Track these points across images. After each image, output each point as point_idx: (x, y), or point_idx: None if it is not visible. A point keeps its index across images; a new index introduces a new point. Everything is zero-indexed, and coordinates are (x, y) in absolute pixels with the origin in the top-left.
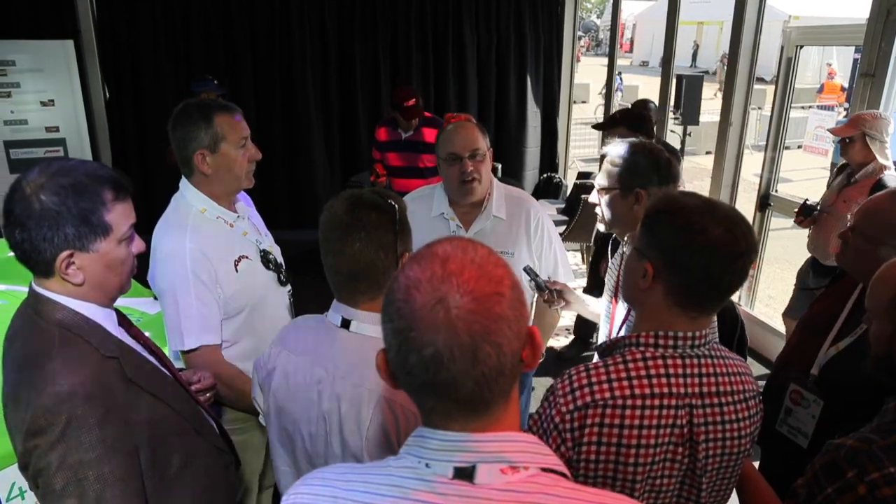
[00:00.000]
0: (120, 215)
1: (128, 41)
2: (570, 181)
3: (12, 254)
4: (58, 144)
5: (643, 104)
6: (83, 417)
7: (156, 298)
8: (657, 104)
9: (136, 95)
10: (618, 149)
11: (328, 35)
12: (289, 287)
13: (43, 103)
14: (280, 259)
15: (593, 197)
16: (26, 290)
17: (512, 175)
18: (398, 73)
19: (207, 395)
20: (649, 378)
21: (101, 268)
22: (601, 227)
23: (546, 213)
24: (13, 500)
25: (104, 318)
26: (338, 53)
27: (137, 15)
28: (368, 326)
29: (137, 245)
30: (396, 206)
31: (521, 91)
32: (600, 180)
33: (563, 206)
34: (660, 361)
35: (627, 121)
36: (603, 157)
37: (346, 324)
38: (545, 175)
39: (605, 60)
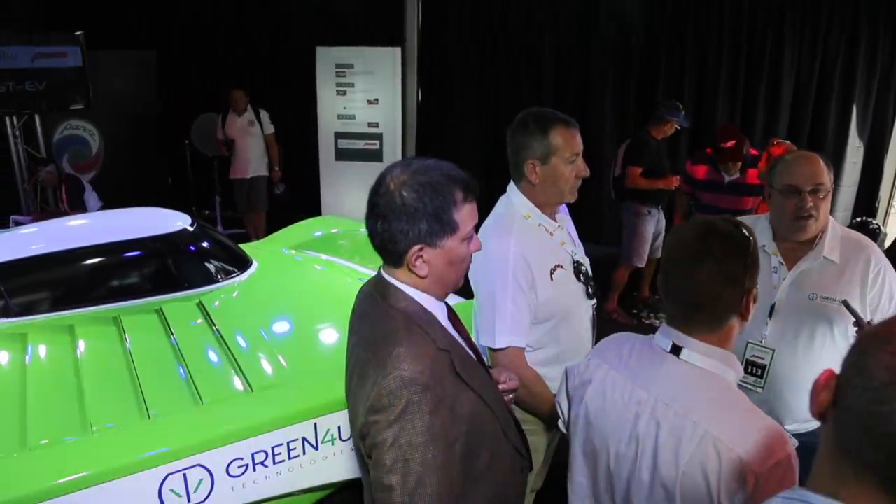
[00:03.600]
0: (467, 215)
1: (443, 52)
2: (891, 229)
3: (336, 230)
4: (375, 138)
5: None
6: (419, 403)
7: None
8: None
9: (442, 101)
10: None
11: (631, 41)
12: (594, 301)
13: (369, 101)
14: (590, 271)
15: None
16: (341, 262)
17: None
18: (704, 88)
19: (510, 396)
20: None
21: (444, 263)
22: None
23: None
24: (325, 444)
25: (438, 310)
26: (641, 65)
27: (454, 30)
28: (700, 357)
29: (475, 244)
30: (751, 238)
31: (843, 121)
32: None
33: None
34: None
35: None
36: None
37: (675, 349)
38: (859, 219)
39: None
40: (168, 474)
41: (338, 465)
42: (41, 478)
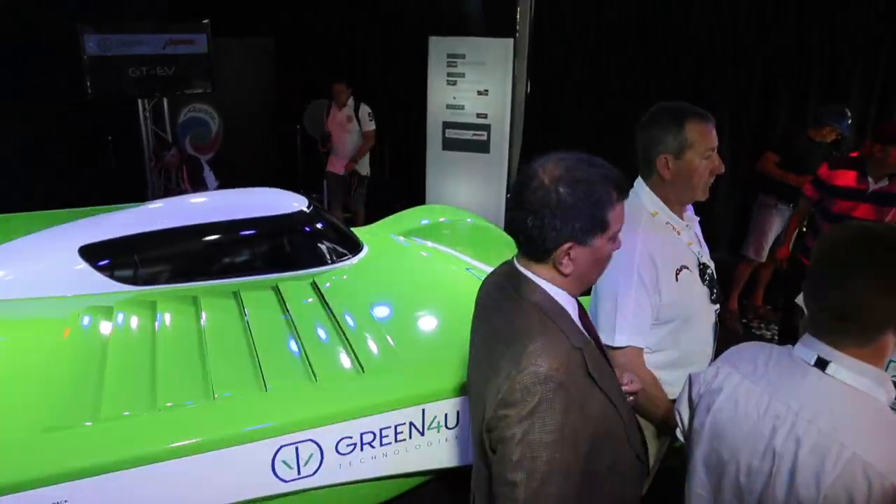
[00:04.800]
0: (618, 215)
1: (555, 45)
2: None
3: (443, 219)
4: (483, 129)
5: None
6: (552, 401)
7: None
8: None
9: (551, 94)
10: None
11: (748, 41)
12: (717, 306)
13: (479, 92)
14: (715, 275)
15: None
16: (446, 250)
17: None
18: (834, 87)
19: (630, 398)
20: None
21: (589, 261)
22: None
23: None
24: (431, 430)
25: (570, 307)
26: (763, 71)
27: (566, 22)
28: (849, 374)
29: (618, 242)
30: None
31: None
32: None
33: None
34: None
35: None
36: None
37: (820, 363)
38: None
39: None
40: (282, 446)
41: (442, 452)
42: (167, 438)
